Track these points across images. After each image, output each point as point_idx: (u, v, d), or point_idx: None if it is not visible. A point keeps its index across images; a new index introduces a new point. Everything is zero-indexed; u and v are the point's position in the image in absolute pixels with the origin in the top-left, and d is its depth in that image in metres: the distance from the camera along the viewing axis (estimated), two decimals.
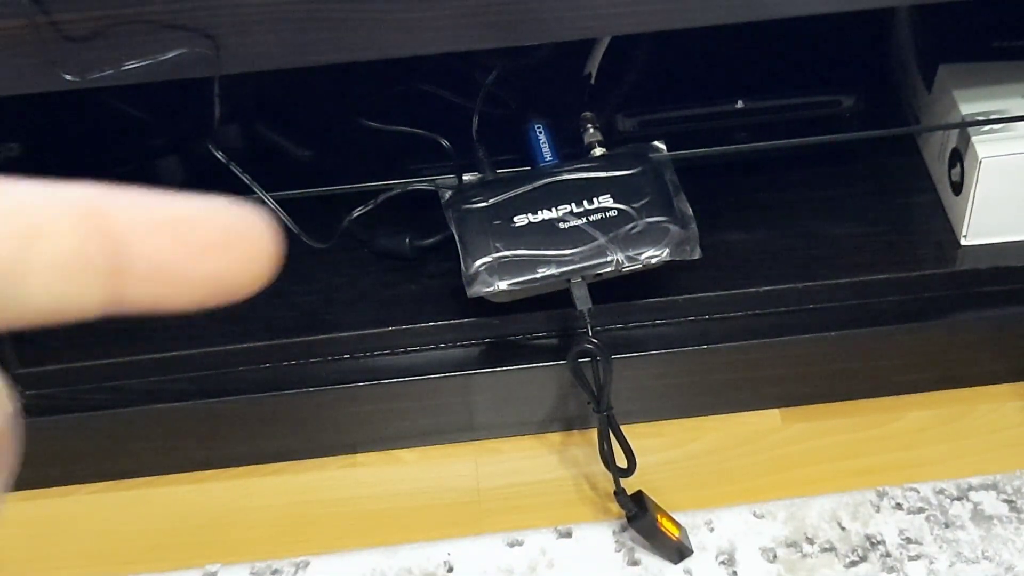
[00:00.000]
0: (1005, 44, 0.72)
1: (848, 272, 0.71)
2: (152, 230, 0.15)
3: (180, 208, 0.15)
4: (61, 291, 0.15)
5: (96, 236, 0.15)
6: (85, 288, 0.15)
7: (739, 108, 0.75)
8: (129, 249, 0.15)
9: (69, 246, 0.14)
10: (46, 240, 0.14)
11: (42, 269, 0.14)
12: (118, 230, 0.15)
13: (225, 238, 0.15)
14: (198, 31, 0.53)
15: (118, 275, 0.15)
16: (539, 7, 0.54)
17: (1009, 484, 0.69)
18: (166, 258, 0.15)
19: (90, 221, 0.15)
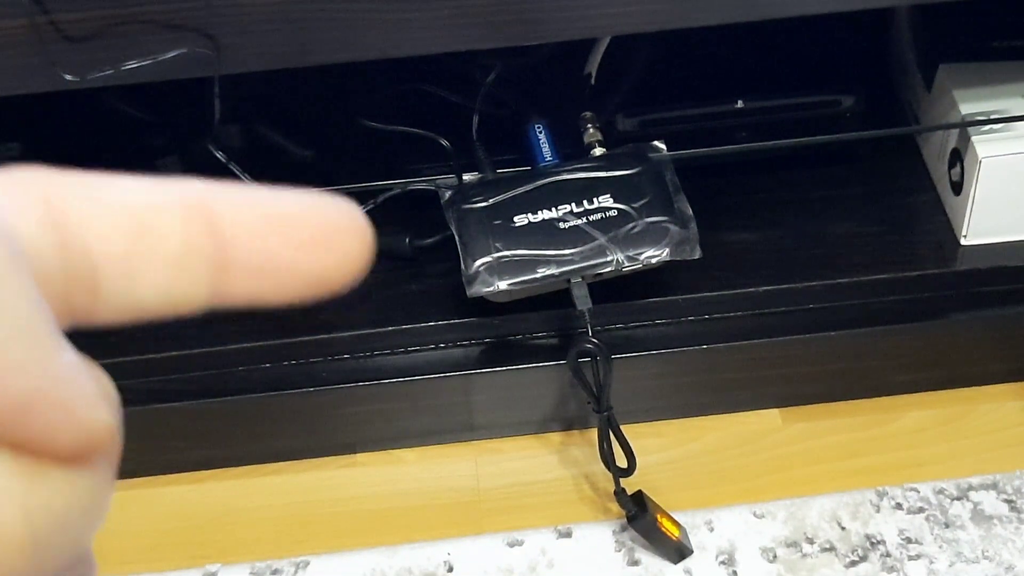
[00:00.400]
0: (1005, 44, 0.72)
1: (848, 272, 0.71)
2: (257, 226, 0.15)
3: (283, 204, 0.15)
4: (169, 287, 0.15)
5: (203, 232, 0.15)
6: (191, 284, 0.15)
7: (739, 108, 0.75)
8: (234, 245, 0.15)
9: (178, 243, 0.15)
10: (155, 237, 0.15)
11: (151, 266, 0.15)
12: (224, 226, 0.15)
13: (326, 234, 0.16)
14: (198, 31, 0.53)
15: (223, 271, 0.15)
16: (539, 7, 0.54)
17: (1009, 484, 0.69)
18: (270, 254, 0.15)
19: (197, 218, 0.15)
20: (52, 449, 0.14)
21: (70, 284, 0.14)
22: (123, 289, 0.15)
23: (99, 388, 0.14)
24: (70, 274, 0.14)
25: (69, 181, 0.15)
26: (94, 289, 0.15)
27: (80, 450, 0.14)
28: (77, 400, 0.14)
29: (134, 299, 0.15)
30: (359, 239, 0.16)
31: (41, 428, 0.13)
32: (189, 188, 0.15)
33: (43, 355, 0.13)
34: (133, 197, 0.15)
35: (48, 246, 0.14)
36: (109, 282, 0.15)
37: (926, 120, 0.75)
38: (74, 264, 0.14)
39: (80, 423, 0.14)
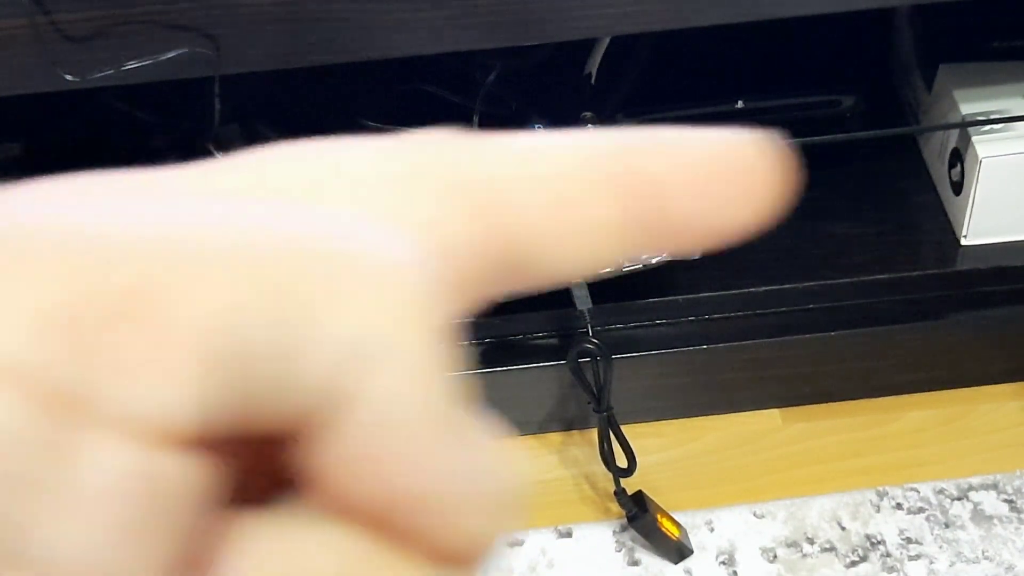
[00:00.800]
0: (1005, 44, 0.72)
1: (848, 272, 0.71)
2: (684, 184, 0.14)
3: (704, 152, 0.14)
4: (586, 255, 0.14)
5: (629, 199, 0.14)
6: (610, 249, 0.14)
7: (739, 108, 0.75)
8: (662, 208, 0.14)
9: (601, 214, 0.14)
10: (577, 209, 0.14)
11: (580, 235, 0.14)
12: (651, 190, 0.14)
13: (748, 183, 0.15)
14: (198, 31, 0.53)
15: (646, 232, 0.14)
16: (539, 7, 0.54)
17: (1009, 484, 0.69)
18: (698, 211, 0.14)
19: (623, 183, 0.14)
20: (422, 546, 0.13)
21: (502, 269, 0.14)
22: (551, 262, 0.14)
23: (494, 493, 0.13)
24: (503, 260, 0.14)
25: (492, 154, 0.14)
26: (522, 267, 0.14)
27: (448, 555, 0.13)
28: (464, 505, 0.13)
29: (560, 269, 0.14)
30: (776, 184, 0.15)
31: (415, 526, 0.12)
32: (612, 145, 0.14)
33: (448, 453, 0.12)
34: (561, 166, 0.14)
35: (478, 239, 0.13)
36: (536, 257, 0.14)
37: (926, 120, 0.75)
38: (507, 250, 0.14)
39: (458, 530, 0.13)
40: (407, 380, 0.12)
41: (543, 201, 0.14)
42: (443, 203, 0.13)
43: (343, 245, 0.12)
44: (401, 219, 0.13)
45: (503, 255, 0.14)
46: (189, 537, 0.12)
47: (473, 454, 0.13)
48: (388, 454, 0.12)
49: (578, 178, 0.14)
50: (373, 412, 0.12)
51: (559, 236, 0.14)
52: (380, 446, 0.12)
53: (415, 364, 0.12)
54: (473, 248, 0.13)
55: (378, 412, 0.12)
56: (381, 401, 0.12)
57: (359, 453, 0.12)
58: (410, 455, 0.12)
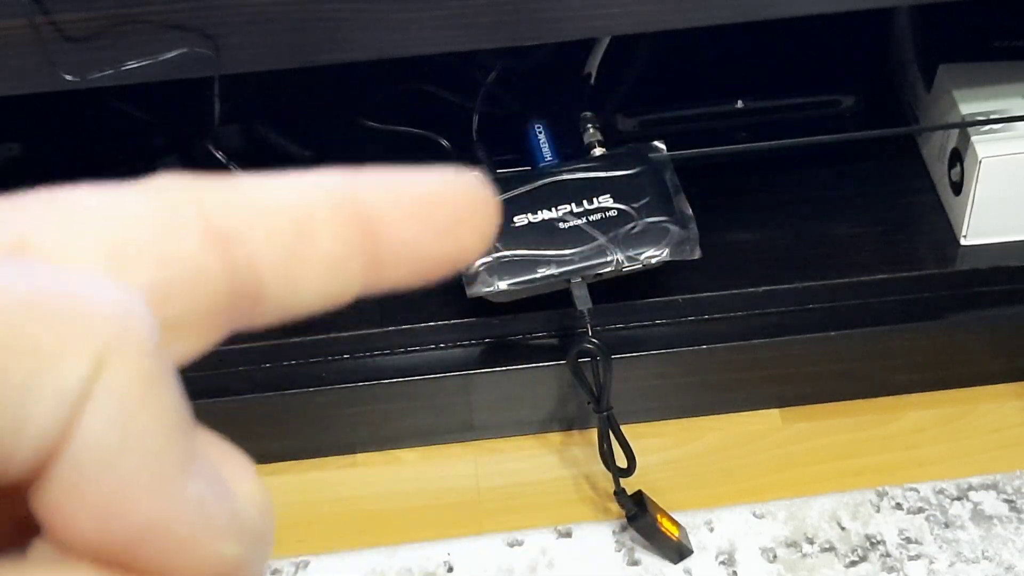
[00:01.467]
0: (1005, 44, 0.72)
1: (848, 272, 0.71)
2: (402, 215, 0.15)
3: (421, 188, 0.15)
4: (326, 287, 0.15)
5: (355, 229, 0.15)
6: (347, 281, 0.15)
7: (739, 108, 0.75)
8: (383, 238, 0.15)
9: (333, 243, 0.15)
10: (312, 239, 0.14)
11: (310, 269, 0.15)
12: (372, 218, 0.15)
13: (461, 216, 0.16)
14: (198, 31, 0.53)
15: (374, 263, 0.15)
16: (539, 7, 0.54)
17: (1009, 484, 0.69)
18: (415, 243, 0.15)
19: (348, 213, 0.15)
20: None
21: (235, 298, 0.14)
22: (284, 294, 0.15)
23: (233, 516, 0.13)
24: (236, 288, 0.14)
25: (219, 188, 0.14)
26: (258, 298, 0.14)
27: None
28: (200, 533, 0.13)
29: (293, 302, 0.15)
30: (488, 217, 0.16)
31: (153, 560, 0.13)
32: (334, 180, 0.15)
33: (170, 484, 0.13)
34: (285, 199, 0.15)
35: (214, 265, 0.14)
36: (271, 289, 0.14)
37: (926, 120, 0.75)
38: (240, 277, 0.14)
39: (200, 558, 0.13)
40: (115, 418, 0.12)
41: (272, 233, 0.14)
42: (177, 238, 0.14)
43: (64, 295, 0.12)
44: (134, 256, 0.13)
45: (239, 287, 0.14)
46: None
47: (200, 484, 0.13)
48: (101, 492, 0.12)
49: (305, 211, 0.15)
50: (82, 452, 0.12)
51: (290, 268, 0.14)
52: (92, 485, 0.12)
53: (124, 402, 0.12)
54: (208, 279, 0.14)
55: (86, 451, 0.12)
56: (90, 441, 0.12)
57: (77, 494, 0.12)
58: (125, 491, 0.12)
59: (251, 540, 0.14)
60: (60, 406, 0.12)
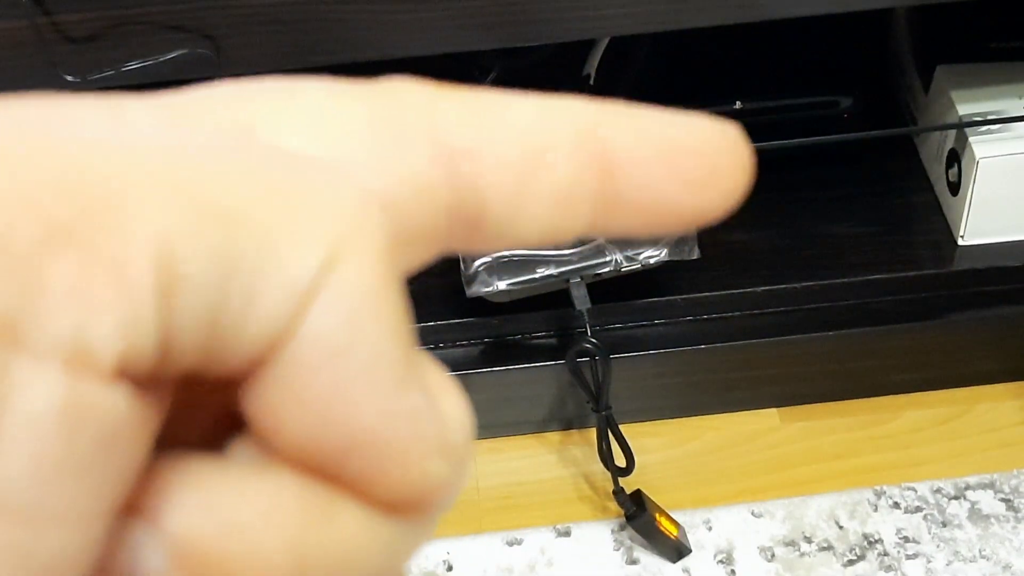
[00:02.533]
0: (1002, 45, 0.73)
1: (846, 272, 0.71)
2: (647, 160, 0.14)
3: (674, 133, 0.14)
4: (552, 221, 0.14)
5: (593, 165, 0.14)
6: (575, 218, 0.14)
7: (737, 108, 0.75)
8: (623, 180, 0.14)
9: (567, 175, 0.14)
10: (546, 171, 0.14)
11: (538, 201, 0.14)
12: (614, 158, 0.14)
13: (712, 168, 0.14)
14: (198, 31, 0.53)
15: (607, 204, 0.14)
16: (539, 7, 0.55)
17: (1006, 483, 0.69)
18: (657, 191, 0.14)
19: (589, 149, 0.14)
20: (366, 493, 0.12)
21: (455, 219, 0.13)
22: (506, 223, 0.14)
23: (442, 435, 0.13)
24: (457, 210, 0.13)
25: (455, 100, 0.14)
26: (479, 223, 0.14)
27: (398, 501, 0.13)
28: (410, 448, 0.12)
29: (515, 233, 0.14)
30: (743, 173, 0.15)
31: (361, 470, 0.12)
32: (580, 112, 0.14)
33: (388, 394, 0.12)
34: (525, 122, 0.14)
35: (438, 182, 0.13)
36: (494, 215, 0.13)
37: (924, 121, 0.75)
38: (463, 199, 0.13)
39: (405, 474, 0.12)
40: (347, 317, 0.12)
41: (506, 156, 0.13)
42: (405, 150, 0.13)
43: (300, 182, 0.12)
44: (362, 163, 0.13)
45: (461, 208, 0.13)
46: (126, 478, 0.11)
47: (418, 396, 0.12)
48: (322, 393, 0.12)
49: (544, 138, 0.14)
50: (310, 349, 0.12)
51: (519, 194, 0.13)
52: (313, 384, 0.12)
53: (357, 302, 0.12)
54: (432, 197, 0.13)
55: (311, 347, 0.12)
56: (318, 338, 0.12)
57: (295, 393, 0.12)
58: (348, 395, 0.12)
59: (456, 461, 0.13)
60: (289, 296, 0.11)
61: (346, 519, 0.12)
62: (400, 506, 0.13)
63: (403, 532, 0.13)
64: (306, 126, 0.13)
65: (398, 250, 0.13)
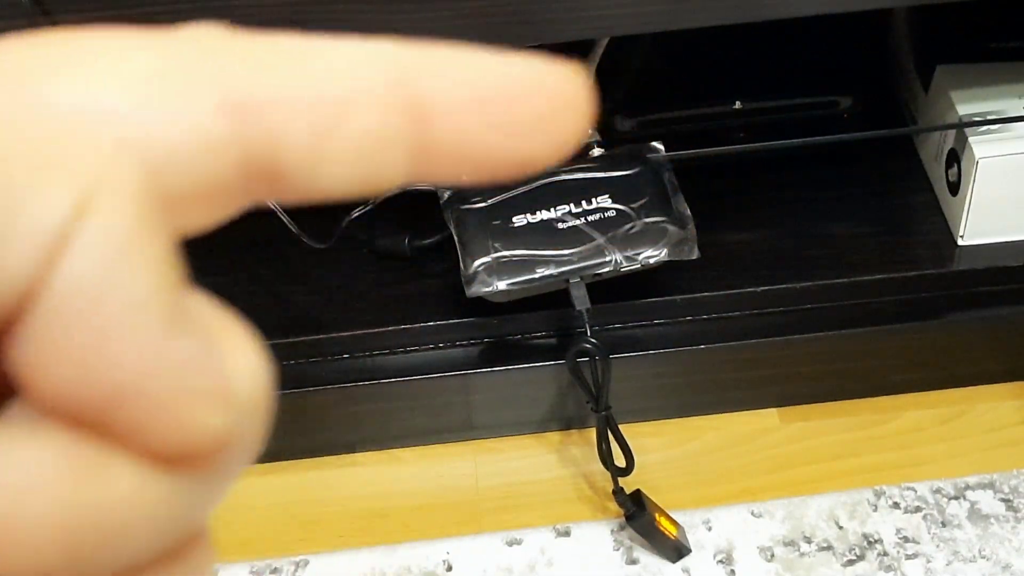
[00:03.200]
0: (1002, 45, 0.73)
1: (845, 272, 0.71)
2: (464, 106, 0.13)
3: (495, 78, 0.13)
4: (359, 173, 0.13)
5: (403, 112, 0.13)
6: (385, 168, 0.13)
7: (737, 108, 0.75)
8: (437, 126, 0.13)
9: (372, 124, 0.13)
10: (350, 126, 0.13)
11: (341, 155, 0.13)
12: (427, 105, 0.13)
13: (540, 115, 0.14)
14: None
15: (422, 151, 0.13)
16: (539, 7, 0.55)
17: (1006, 483, 0.69)
18: (476, 140, 0.13)
19: (397, 94, 0.13)
20: (139, 446, 0.12)
21: (249, 173, 0.13)
22: (308, 174, 0.13)
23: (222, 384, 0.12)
24: (250, 163, 0.13)
25: (253, 52, 0.13)
26: (277, 176, 0.13)
27: (175, 455, 0.12)
28: (181, 396, 0.12)
29: (320, 183, 0.13)
30: (575, 118, 0.14)
31: (129, 423, 0.12)
32: (391, 57, 0.13)
33: (153, 341, 0.12)
34: (327, 72, 0.13)
35: (225, 138, 0.12)
36: (294, 167, 0.13)
37: (923, 121, 0.75)
38: (256, 152, 0.13)
39: (177, 426, 0.12)
40: (100, 262, 0.11)
41: (302, 106, 0.13)
42: (187, 100, 0.12)
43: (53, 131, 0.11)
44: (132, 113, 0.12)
45: (255, 161, 0.13)
46: None
47: (189, 343, 0.12)
48: (80, 342, 0.11)
49: (347, 85, 0.13)
50: (64, 297, 0.11)
51: (318, 145, 0.13)
52: (70, 333, 0.11)
53: (111, 247, 0.11)
54: (216, 149, 0.13)
55: (66, 296, 0.11)
56: (72, 285, 0.11)
57: (53, 344, 0.11)
58: (105, 342, 0.11)
59: (239, 414, 0.13)
60: (37, 243, 0.11)
61: (120, 476, 0.12)
62: (179, 460, 0.12)
63: (188, 488, 0.12)
64: (81, 76, 0.12)
65: (180, 206, 0.12)
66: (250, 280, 0.73)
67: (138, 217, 0.12)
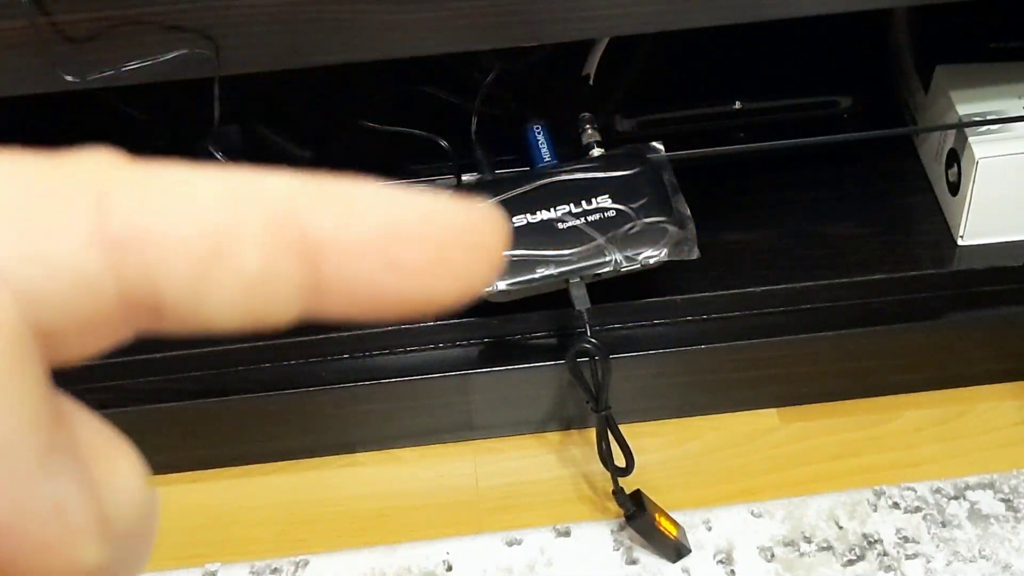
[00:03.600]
0: (1002, 45, 0.73)
1: (845, 272, 0.71)
2: (356, 247, 0.13)
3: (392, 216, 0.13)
4: (244, 308, 0.13)
5: (291, 251, 0.13)
6: (275, 305, 0.13)
7: (737, 109, 0.75)
8: (330, 267, 0.13)
9: (255, 263, 0.13)
10: (230, 260, 0.12)
11: (223, 287, 0.13)
12: (317, 245, 0.13)
13: (439, 258, 0.13)
14: (198, 31, 0.53)
15: (314, 290, 0.13)
16: (539, 7, 0.55)
17: (1006, 483, 0.69)
18: (370, 279, 0.13)
19: (283, 232, 0.13)
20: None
21: (127, 307, 0.13)
22: (190, 311, 0.13)
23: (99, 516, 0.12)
24: (128, 298, 0.12)
25: (134, 183, 0.13)
26: (157, 311, 0.13)
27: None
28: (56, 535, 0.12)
29: (204, 320, 0.13)
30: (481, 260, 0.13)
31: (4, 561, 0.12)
32: (278, 192, 0.13)
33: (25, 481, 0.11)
34: (209, 207, 0.13)
35: (98, 270, 0.12)
36: (174, 304, 0.13)
37: (923, 121, 0.75)
38: (133, 287, 0.12)
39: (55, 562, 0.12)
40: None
41: (181, 242, 0.12)
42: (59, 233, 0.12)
43: None
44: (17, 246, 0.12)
45: (134, 296, 0.12)
46: None
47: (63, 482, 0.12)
48: None
49: (229, 221, 0.12)
50: None
51: (199, 283, 0.12)
52: None
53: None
54: (90, 284, 0.12)
55: None
56: None
57: None
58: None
59: (120, 544, 0.13)
60: None
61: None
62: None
63: None
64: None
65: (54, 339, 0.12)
66: None
67: (7, 354, 0.11)
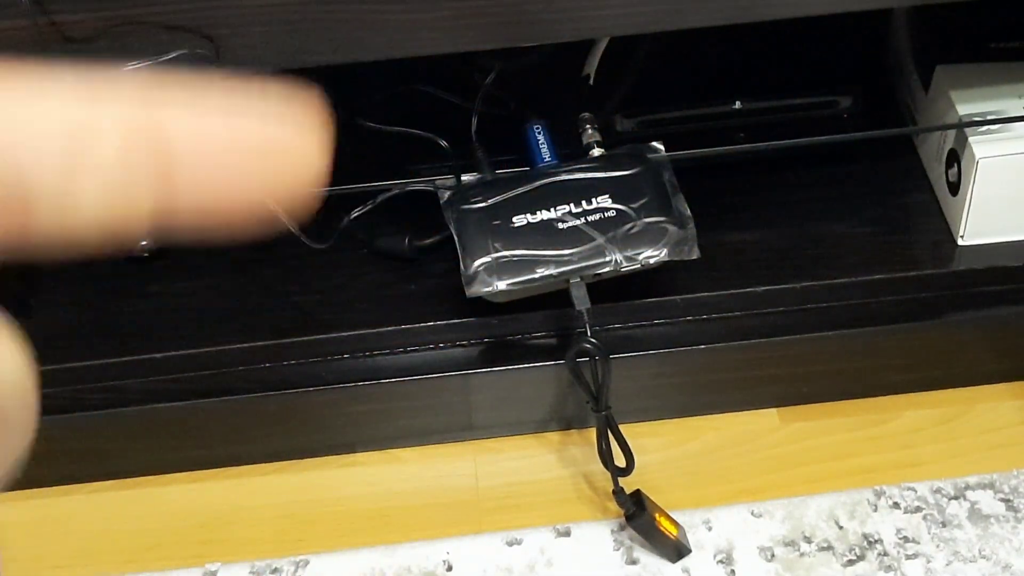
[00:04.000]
0: (1002, 45, 0.73)
1: (845, 272, 0.71)
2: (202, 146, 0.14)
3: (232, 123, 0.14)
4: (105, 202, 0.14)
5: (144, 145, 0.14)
6: (130, 200, 0.14)
7: (737, 109, 0.75)
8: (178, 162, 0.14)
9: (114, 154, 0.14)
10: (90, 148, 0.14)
11: (87, 180, 0.14)
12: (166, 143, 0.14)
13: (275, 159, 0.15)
14: (198, 31, 0.53)
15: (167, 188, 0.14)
16: (539, 7, 0.55)
17: (1006, 483, 0.69)
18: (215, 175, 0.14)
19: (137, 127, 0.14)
20: None
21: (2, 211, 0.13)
22: (56, 208, 0.13)
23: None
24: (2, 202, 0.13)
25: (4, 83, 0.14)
26: (27, 211, 0.13)
27: None
28: None
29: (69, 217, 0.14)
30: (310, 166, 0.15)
31: None
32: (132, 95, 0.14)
33: None
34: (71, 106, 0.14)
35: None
36: (43, 201, 0.13)
37: (923, 121, 0.75)
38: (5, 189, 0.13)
39: None
40: None
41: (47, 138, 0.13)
42: None
43: None
44: None
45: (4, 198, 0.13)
46: None
47: None
48: None
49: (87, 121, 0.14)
50: None
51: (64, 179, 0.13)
52: None
53: None
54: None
55: None
56: None
57: None
58: None
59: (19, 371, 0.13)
60: None
61: None
62: None
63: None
64: None
65: None
66: (250, 280, 0.73)
67: None
